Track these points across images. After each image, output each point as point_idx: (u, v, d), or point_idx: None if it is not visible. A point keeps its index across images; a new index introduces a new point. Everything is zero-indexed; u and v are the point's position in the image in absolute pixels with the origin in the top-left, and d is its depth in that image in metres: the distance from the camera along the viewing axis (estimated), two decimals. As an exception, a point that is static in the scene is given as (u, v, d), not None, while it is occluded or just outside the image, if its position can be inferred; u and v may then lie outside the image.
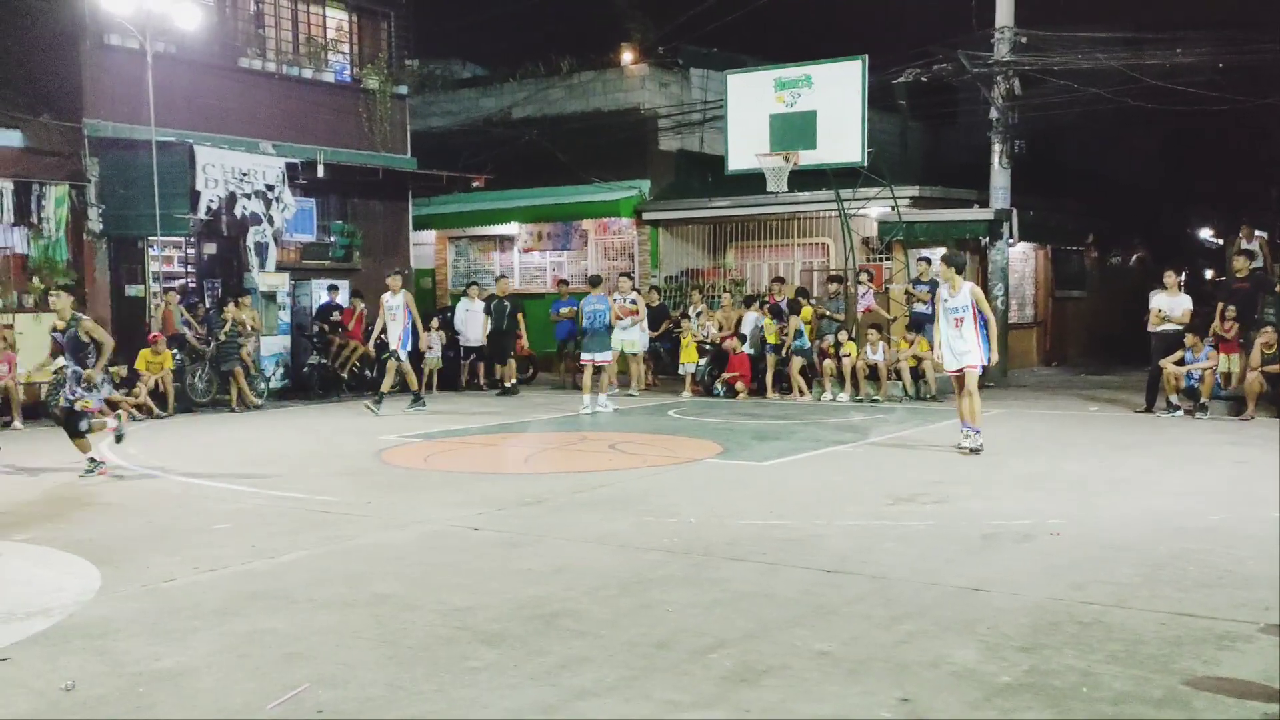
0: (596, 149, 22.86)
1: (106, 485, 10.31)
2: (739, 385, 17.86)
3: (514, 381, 19.28)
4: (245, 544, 7.73)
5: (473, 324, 19.89)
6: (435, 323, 19.83)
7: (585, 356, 16.31)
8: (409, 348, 16.03)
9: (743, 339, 18.16)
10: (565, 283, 21.83)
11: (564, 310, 20.44)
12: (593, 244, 24.39)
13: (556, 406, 16.99)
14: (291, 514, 8.85)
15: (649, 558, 7.20)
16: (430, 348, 19.63)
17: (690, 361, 18.52)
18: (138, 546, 7.73)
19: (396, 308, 15.86)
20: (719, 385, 18.10)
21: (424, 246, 25.85)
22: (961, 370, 11.15)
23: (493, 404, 17.67)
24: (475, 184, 22.08)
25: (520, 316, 20.38)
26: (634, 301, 18.94)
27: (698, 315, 19.29)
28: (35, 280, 16.45)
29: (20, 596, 6.43)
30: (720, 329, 19.00)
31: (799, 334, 17.61)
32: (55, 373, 15.23)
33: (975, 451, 10.87)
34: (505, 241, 25.50)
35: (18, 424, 14.81)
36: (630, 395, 17.70)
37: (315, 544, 7.75)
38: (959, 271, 11.23)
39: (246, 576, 6.88)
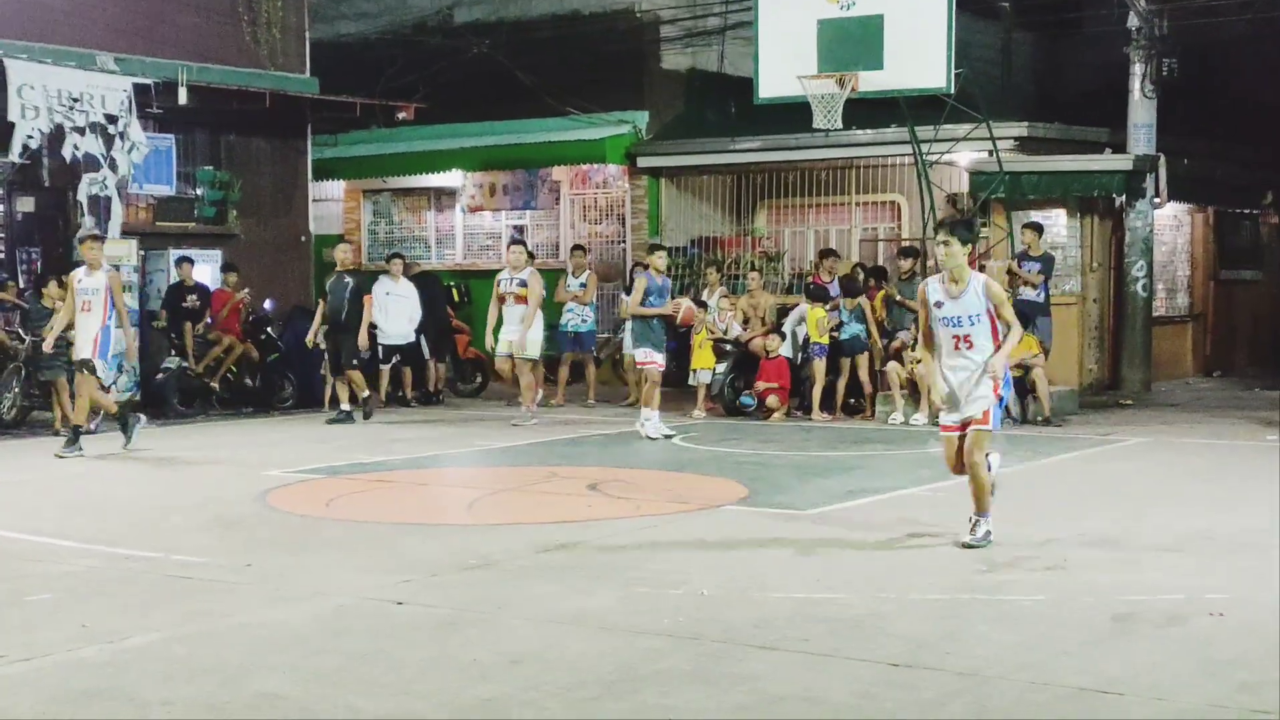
0: (573, 68, 22.91)
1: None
2: (772, 400, 17.91)
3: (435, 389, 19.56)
4: (73, 622, 7.73)
5: (396, 313, 19.90)
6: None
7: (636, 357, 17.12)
8: (109, 354, 15.28)
9: (783, 337, 18.22)
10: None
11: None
12: (567, 201, 24.46)
13: (515, 429, 17.02)
14: (139, 580, 8.82)
15: (643, 645, 7.21)
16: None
17: (704, 368, 18.58)
18: (-79, 625, 7.72)
19: (92, 293, 14.76)
20: (748, 398, 18.12)
21: (328, 203, 25.92)
22: (965, 425, 9.63)
23: (422, 426, 17.70)
24: (401, 115, 22.09)
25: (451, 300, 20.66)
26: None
27: (715, 303, 19.34)
28: None
29: None
30: (746, 322, 19.06)
31: (854, 320, 17.68)
32: None
33: (978, 545, 9.48)
34: (444, 196, 25.58)
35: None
36: (526, 422, 17.33)
37: (173, 623, 7.74)
38: (964, 246, 9.45)
39: (75, 669, 6.87)
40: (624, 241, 23.74)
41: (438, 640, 7.37)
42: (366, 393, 18.24)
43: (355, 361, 18.26)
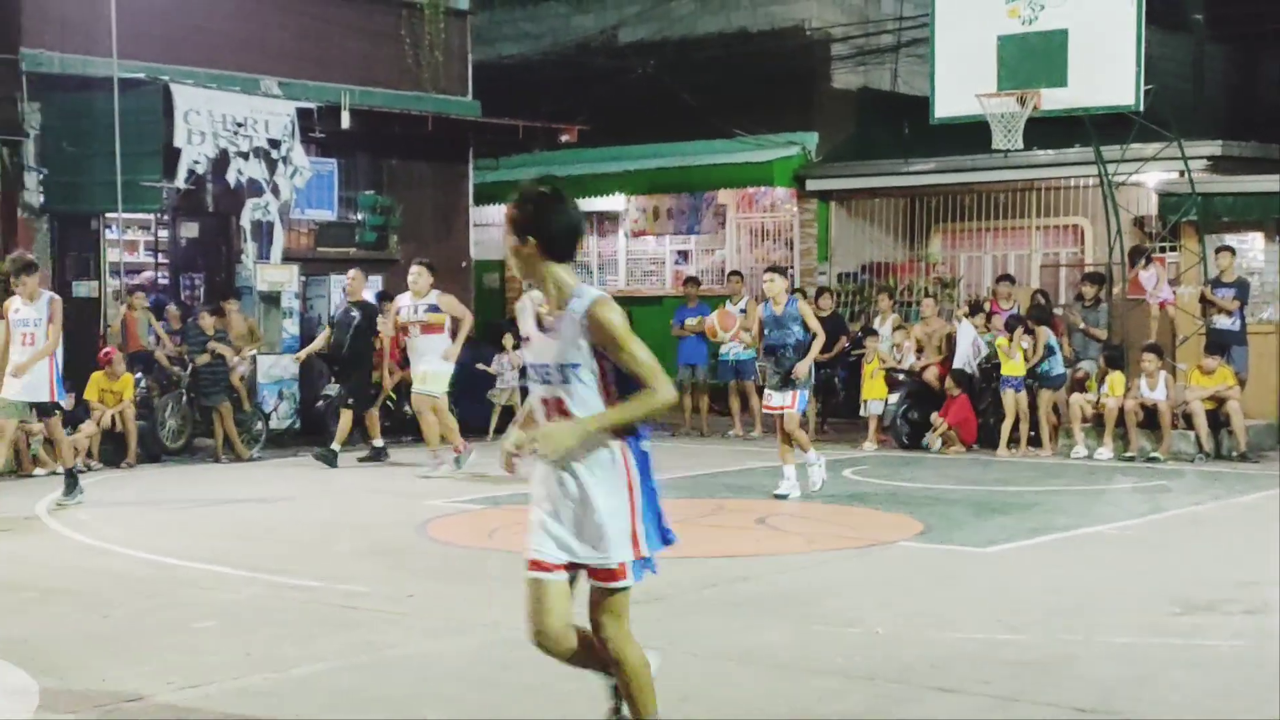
0: (740, 88, 22.98)
1: (48, 565, 10.66)
2: (944, 426, 17.70)
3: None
4: (238, 650, 7.93)
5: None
6: (508, 340, 20.09)
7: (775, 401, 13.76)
8: (63, 396, 14.14)
9: (957, 379, 17.94)
10: (695, 280, 21.97)
11: (691, 321, 20.56)
12: (733, 225, 24.50)
13: (680, 459, 17.06)
14: (303, 610, 9.03)
15: (817, 684, 7.19)
16: (500, 374, 19.89)
17: (876, 398, 18.46)
18: (90, 650, 7.97)
19: (33, 324, 13.22)
20: (932, 439, 17.87)
21: (489, 228, 26.24)
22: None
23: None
24: (564, 138, 22.38)
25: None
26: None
27: (888, 331, 19.23)
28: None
29: (-69, 717, 6.71)
30: (920, 351, 18.91)
31: (1050, 353, 17.41)
32: None
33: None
34: (606, 221, 25.78)
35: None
36: (435, 472, 15.68)
37: (337, 653, 7.91)
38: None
39: (241, 697, 7.05)
40: (792, 267, 23.69)
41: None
42: (338, 447, 16.65)
43: (351, 402, 17.03)
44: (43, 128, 17.89)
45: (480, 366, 19.64)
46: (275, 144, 18.55)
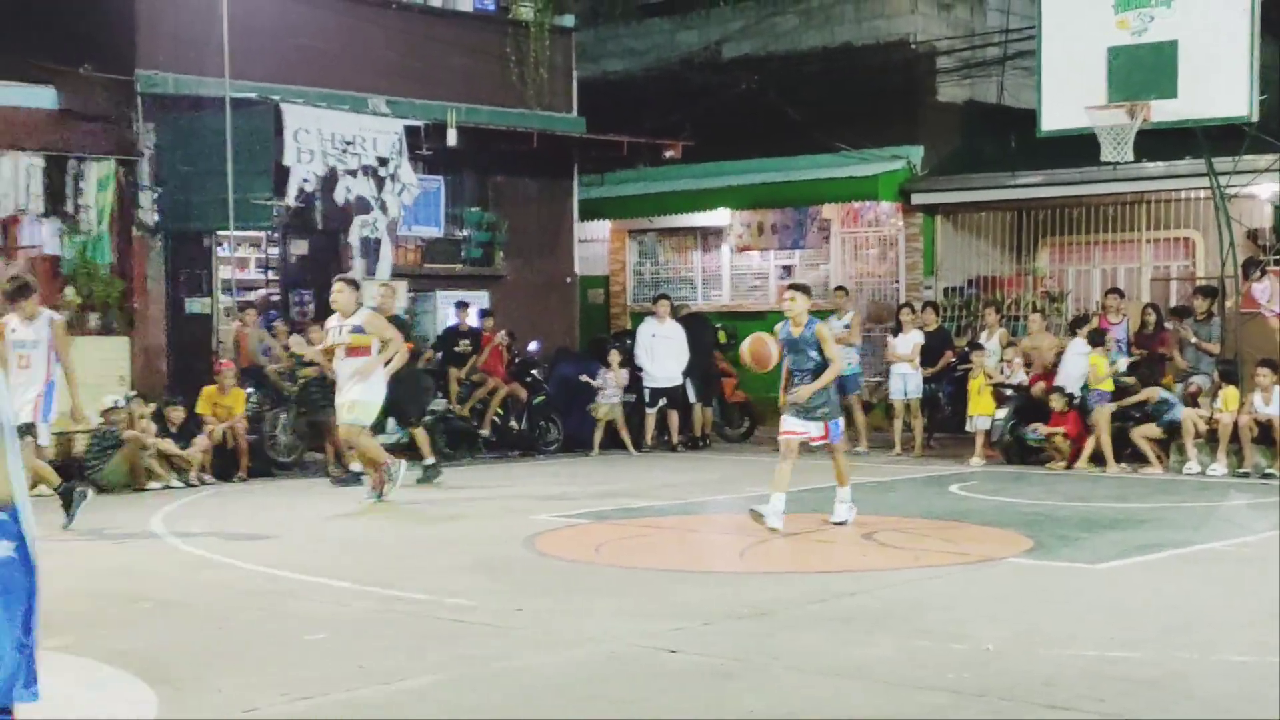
0: (845, 102, 22.93)
1: (163, 577, 10.87)
2: (1061, 442, 17.51)
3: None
4: (350, 663, 8.03)
5: (663, 355, 20.20)
6: (614, 356, 20.20)
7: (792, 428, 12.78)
8: (51, 418, 13.12)
9: (1066, 396, 17.75)
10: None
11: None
12: (837, 240, 24.44)
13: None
14: (411, 622, 9.13)
15: (926, 700, 7.16)
16: (603, 388, 20.01)
17: (983, 414, 18.32)
18: (205, 662, 8.12)
19: (30, 345, 12.76)
20: (1038, 435, 17.69)
21: (593, 244, 26.41)
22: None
23: (689, 471, 17.86)
24: (669, 154, 22.48)
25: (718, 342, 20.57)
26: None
27: (994, 346, 19.09)
28: (69, 291, 17.51)
29: (52, 725, 6.86)
30: (1029, 366, 18.73)
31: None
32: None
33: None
34: (710, 236, 25.80)
35: (44, 487, 15.71)
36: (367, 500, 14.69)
37: (445, 666, 7.99)
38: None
39: (353, 709, 7.15)
40: (897, 281, 23.60)
41: (712, 690, 7.43)
42: (432, 459, 16.49)
43: (414, 420, 16.82)
44: (157, 147, 18.24)
45: (584, 379, 19.73)
46: (383, 162, 18.75)
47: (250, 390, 17.66)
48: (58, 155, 17.30)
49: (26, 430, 12.27)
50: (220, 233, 18.48)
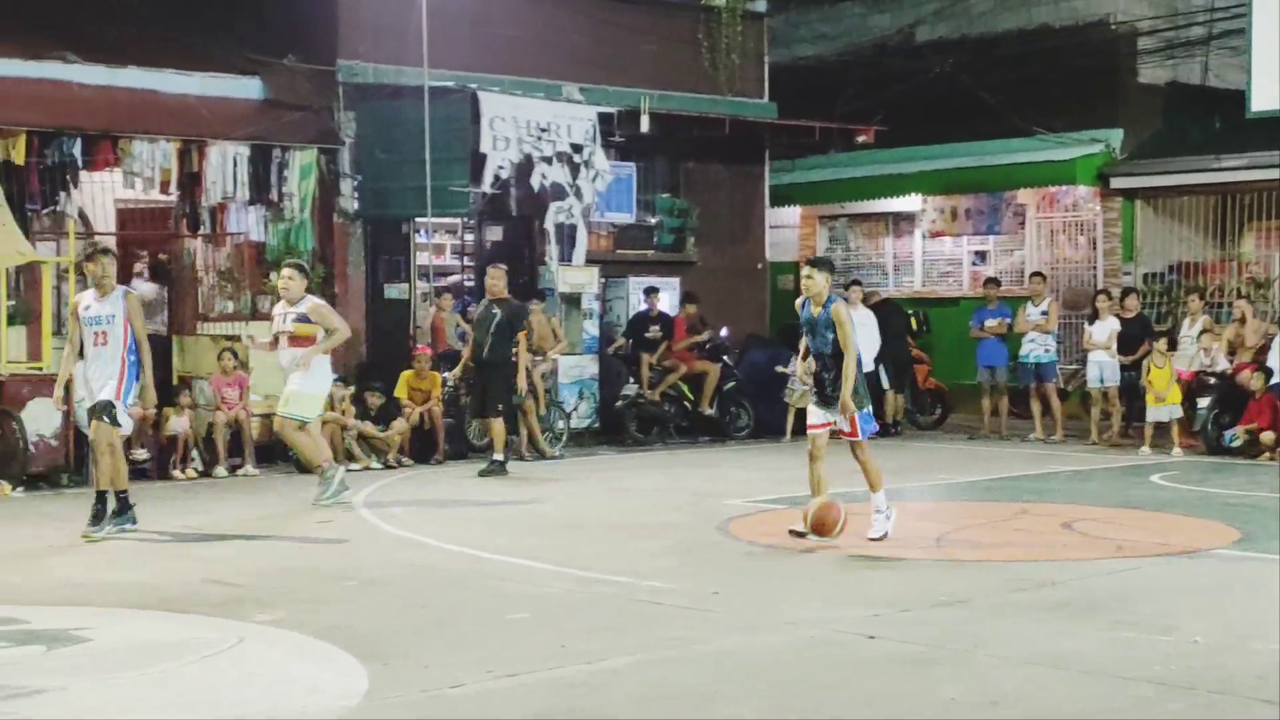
0: (1041, 85, 22.52)
1: (367, 556, 11.14)
2: (1266, 436, 17.05)
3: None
4: (552, 642, 8.16)
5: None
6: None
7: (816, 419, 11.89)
8: (131, 399, 12.17)
9: (1268, 374, 17.33)
10: (995, 281, 21.64)
11: (990, 323, 20.28)
12: (1033, 225, 24.05)
13: (979, 463, 16.87)
14: (610, 604, 9.25)
15: (1132, 692, 7.04)
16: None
17: (1172, 403, 17.91)
18: (411, 638, 8.32)
19: (105, 321, 11.94)
20: (1235, 436, 17.27)
21: (784, 229, 26.33)
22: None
23: (881, 458, 17.70)
24: (861, 139, 22.33)
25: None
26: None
27: (1195, 333, 18.65)
28: (274, 276, 17.98)
29: (269, 696, 7.09)
30: (1233, 355, 18.26)
31: None
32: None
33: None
34: (902, 221, 25.58)
35: (250, 468, 16.23)
36: (323, 501, 13.54)
37: (645, 647, 8.06)
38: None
39: (556, 687, 7.26)
40: (1095, 267, 23.15)
41: (912, 677, 7.40)
42: (501, 456, 16.12)
43: (501, 407, 16.29)
44: (357, 136, 18.64)
45: (780, 369, 19.73)
46: (577, 148, 18.95)
47: (446, 375, 17.96)
48: (263, 144, 17.75)
49: (104, 410, 11.76)
50: (418, 219, 18.81)
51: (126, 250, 18.81)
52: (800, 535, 11.18)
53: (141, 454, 15.68)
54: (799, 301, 11.76)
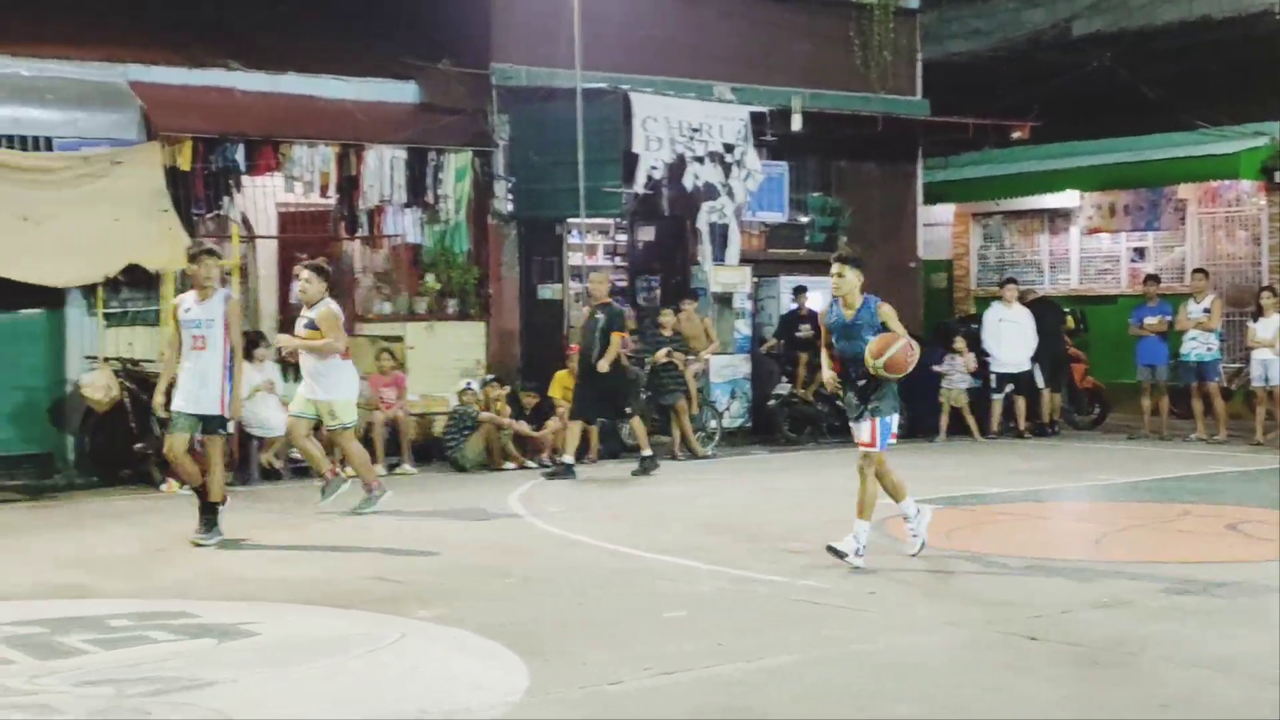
0: (1202, 77, 22.11)
1: (524, 554, 11.27)
2: None
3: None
4: (708, 640, 8.20)
5: (1010, 340, 19.92)
6: (960, 342, 19.96)
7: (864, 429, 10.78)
8: (226, 411, 11.81)
9: None
10: (1155, 278, 21.24)
11: (1150, 321, 19.91)
12: (1194, 221, 23.58)
13: (1139, 463, 16.59)
14: (766, 603, 9.28)
15: (1308, 699, 6.91)
16: (950, 373, 19.82)
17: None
18: (570, 635, 8.41)
19: (205, 325, 11.64)
20: None
21: (937, 228, 26.11)
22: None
23: (1038, 458, 17.54)
24: (1016, 135, 22.04)
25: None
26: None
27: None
28: (429, 278, 18.27)
29: (432, 691, 7.22)
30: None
31: None
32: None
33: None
34: (1058, 218, 25.24)
35: (408, 466, 16.49)
36: (367, 509, 13.22)
37: (802, 646, 8.07)
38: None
39: (713, 685, 7.29)
40: (1259, 263, 22.63)
41: (1076, 679, 7.32)
42: (649, 451, 16.17)
43: (629, 410, 16.40)
44: (511, 138, 18.83)
45: (935, 369, 19.57)
46: (729, 148, 18.95)
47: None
48: (419, 147, 18.00)
49: (216, 425, 11.67)
50: (570, 220, 18.96)
51: (287, 252, 19.23)
52: (840, 554, 10.25)
53: (302, 453, 16.00)
54: (825, 304, 10.97)
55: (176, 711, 6.80)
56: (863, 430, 10.52)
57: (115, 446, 15.35)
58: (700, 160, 18.72)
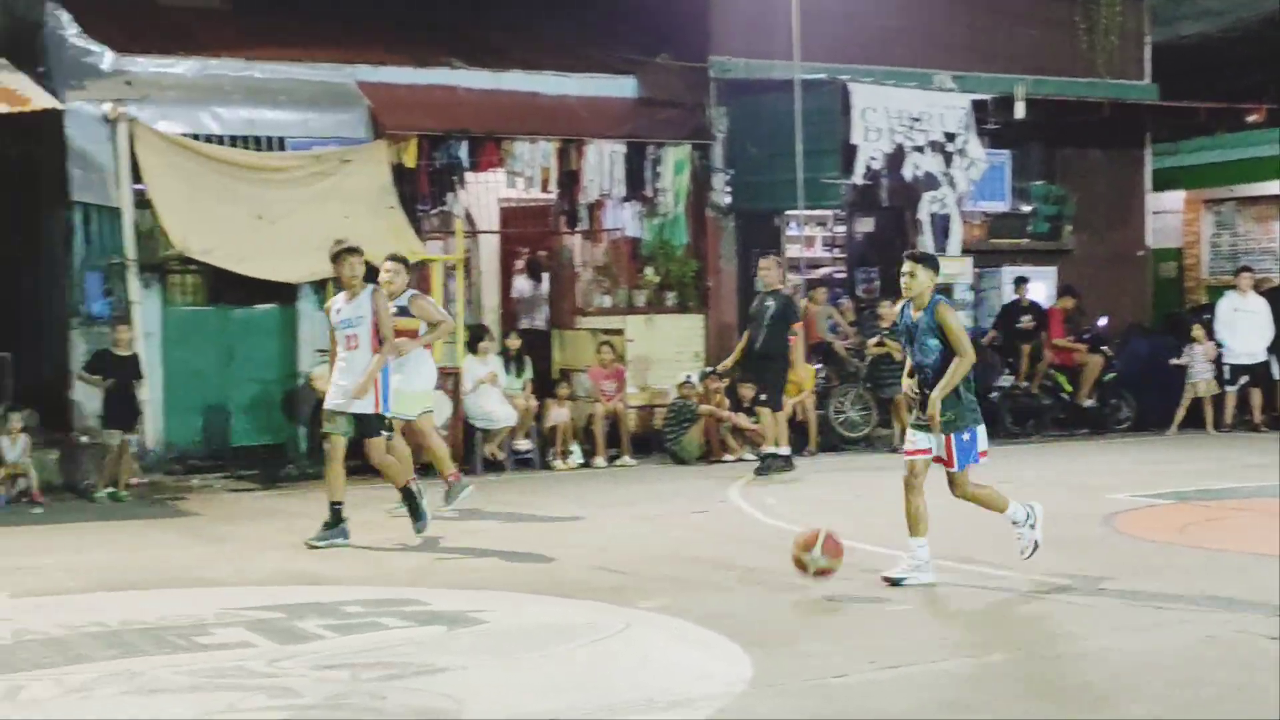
0: None
1: (744, 546, 11.31)
2: None
3: None
4: (934, 634, 8.15)
5: (1245, 331, 19.39)
6: (1199, 331, 19.42)
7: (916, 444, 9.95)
8: (388, 408, 11.72)
9: None
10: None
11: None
12: None
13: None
14: (994, 597, 9.19)
15: None
16: (1192, 364, 19.33)
17: None
18: (791, 627, 8.44)
19: (355, 323, 11.54)
20: None
21: (1165, 215, 25.40)
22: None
23: (1275, 451, 16.98)
24: (1252, 118, 21.38)
25: None
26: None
27: None
28: (648, 271, 18.41)
29: (657, 680, 7.29)
30: None
31: None
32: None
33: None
34: (1294, 206, 24.38)
35: (627, 459, 16.65)
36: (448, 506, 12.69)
37: (1031, 642, 7.99)
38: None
39: (940, 680, 7.24)
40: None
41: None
42: (773, 448, 15.44)
43: (766, 398, 15.61)
44: (729, 131, 18.86)
45: (1173, 362, 19.13)
46: (951, 137, 18.75)
47: (819, 366, 18.03)
48: (638, 142, 18.14)
49: (374, 425, 11.44)
50: (788, 212, 18.92)
51: (509, 248, 19.56)
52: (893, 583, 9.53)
53: (524, 445, 16.31)
54: (898, 306, 10.34)
55: (410, 697, 6.98)
56: (930, 442, 9.66)
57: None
58: (920, 150, 18.57)
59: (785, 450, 15.65)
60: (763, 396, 15.75)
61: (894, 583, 9.44)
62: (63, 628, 8.42)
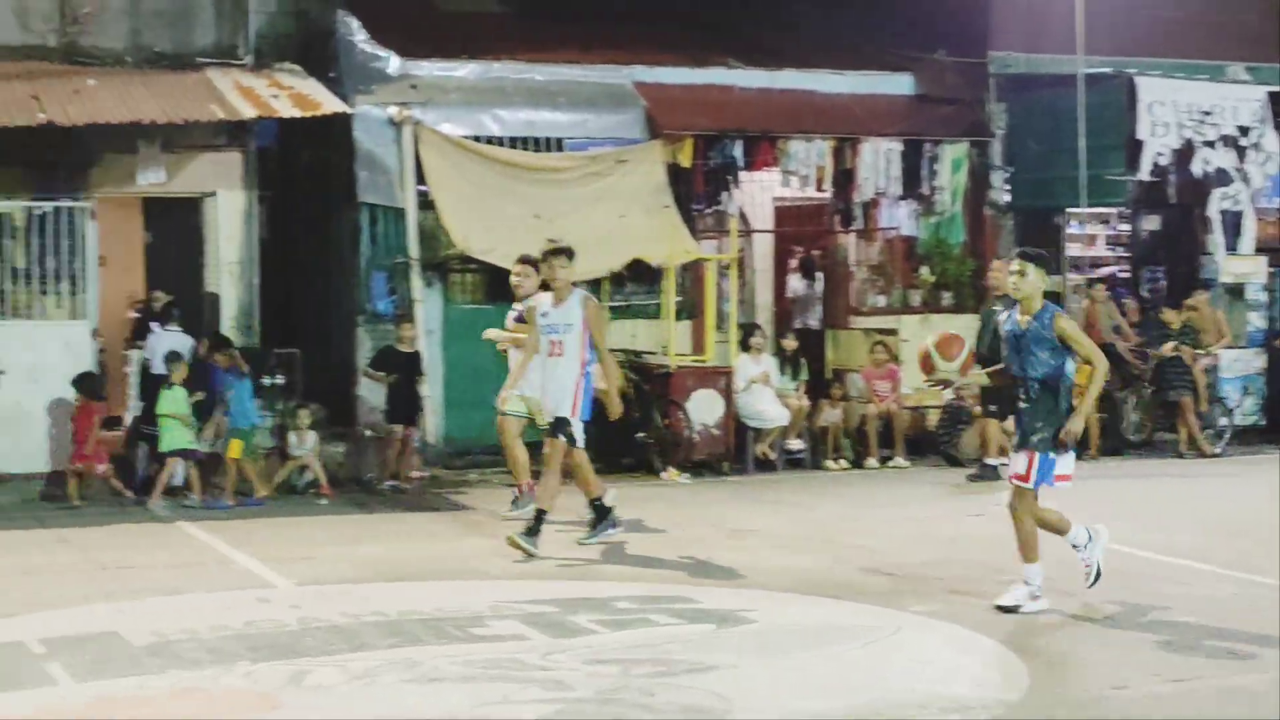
0: None
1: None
2: None
3: None
4: (1219, 648, 7.91)
5: None
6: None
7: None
8: (589, 415, 11.29)
9: None
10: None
11: None
12: None
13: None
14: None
15: None
16: None
17: None
18: (1071, 636, 8.26)
19: (562, 329, 11.07)
20: None
21: None
22: None
23: None
24: None
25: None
26: None
27: None
28: (924, 270, 18.18)
29: (930, 685, 7.19)
30: None
31: None
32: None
33: None
34: None
35: (900, 460, 16.45)
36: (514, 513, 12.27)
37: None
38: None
39: (1228, 696, 7.03)
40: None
41: None
42: (994, 460, 14.70)
43: (994, 409, 14.80)
44: (1009, 127, 18.50)
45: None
46: (1244, 131, 18.14)
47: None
48: (914, 139, 17.93)
49: (559, 427, 11.02)
50: (1070, 210, 18.48)
51: (783, 247, 19.53)
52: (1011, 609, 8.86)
53: (796, 444, 16.25)
54: (998, 307, 9.67)
55: (679, 694, 7.02)
56: (1019, 461, 9.04)
57: (618, 434, 15.95)
58: (1211, 145, 18.02)
59: (993, 460, 14.81)
60: (992, 407, 15.10)
61: (1009, 609, 8.74)
62: (345, 616, 8.71)
